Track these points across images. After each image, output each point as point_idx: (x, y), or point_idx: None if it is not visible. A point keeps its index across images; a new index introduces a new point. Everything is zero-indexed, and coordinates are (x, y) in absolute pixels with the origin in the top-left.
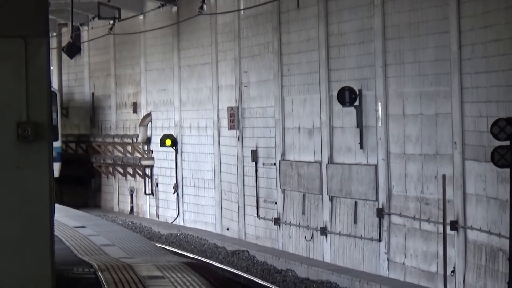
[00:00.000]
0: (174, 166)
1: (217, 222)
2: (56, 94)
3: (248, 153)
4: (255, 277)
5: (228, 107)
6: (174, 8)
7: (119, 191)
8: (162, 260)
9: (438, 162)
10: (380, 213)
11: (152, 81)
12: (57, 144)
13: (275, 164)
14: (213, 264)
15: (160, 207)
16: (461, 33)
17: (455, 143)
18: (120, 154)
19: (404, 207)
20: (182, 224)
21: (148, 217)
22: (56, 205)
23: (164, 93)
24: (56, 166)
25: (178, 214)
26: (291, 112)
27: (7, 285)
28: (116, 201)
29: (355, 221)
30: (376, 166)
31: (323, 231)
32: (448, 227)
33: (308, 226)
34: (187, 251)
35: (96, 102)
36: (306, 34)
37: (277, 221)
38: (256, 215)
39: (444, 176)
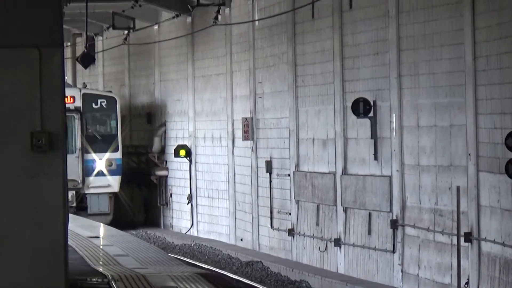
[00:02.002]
0: (188, 177)
1: (231, 233)
2: (115, 101)
3: (262, 164)
4: None
5: (242, 118)
6: (189, 19)
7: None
8: (176, 270)
9: (452, 174)
10: (394, 224)
11: (166, 91)
12: (116, 155)
13: (289, 175)
14: (227, 275)
15: (174, 218)
16: (475, 45)
17: (469, 154)
18: (134, 165)
19: (418, 218)
20: (196, 234)
21: (162, 227)
22: (70, 215)
23: (179, 103)
24: (116, 180)
25: (192, 224)
26: (306, 123)
27: None
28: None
29: (369, 232)
30: (390, 177)
31: (337, 242)
32: (462, 239)
33: (322, 237)
34: (200, 261)
35: None
36: (320, 45)
37: (291, 232)
38: (270, 226)
39: (458, 188)
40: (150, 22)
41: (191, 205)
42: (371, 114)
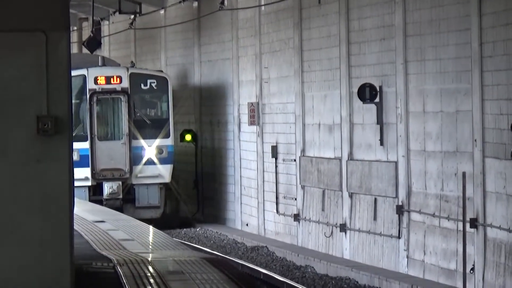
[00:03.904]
0: (194, 161)
1: (237, 218)
2: (167, 81)
3: (268, 149)
4: (274, 273)
5: (248, 103)
6: (195, 3)
7: None
8: (181, 255)
9: (458, 160)
10: (399, 210)
11: (172, 76)
12: (168, 142)
13: (295, 160)
14: (232, 260)
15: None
16: (482, 31)
17: (475, 140)
18: None
19: (423, 204)
20: (202, 219)
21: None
22: (75, 199)
23: (185, 88)
24: (167, 169)
25: (198, 209)
26: (312, 108)
27: (27, 279)
28: None
29: (375, 218)
30: (396, 163)
31: (343, 228)
32: (467, 225)
33: (327, 222)
34: (206, 246)
35: None
36: (327, 30)
37: (296, 217)
38: (275, 211)
39: (464, 174)
40: (156, 6)
41: (197, 189)
42: (377, 99)
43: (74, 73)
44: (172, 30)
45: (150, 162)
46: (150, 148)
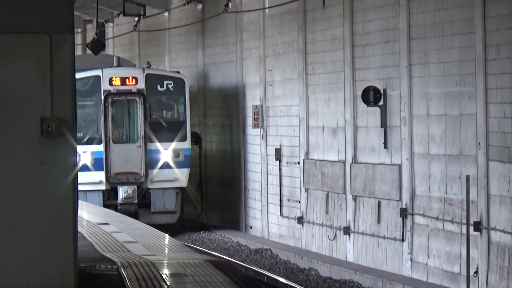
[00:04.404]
0: (198, 164)
1: (241, 220)
2: (184, 82)
3: (272, 152)
4: (278, 275)
5: (252, 105)
6: (199, 6)
7: None
8: (185, 257)
9: (462, 163)
10: (403, 213)
11: None
12: (185, 145)
13: (298, 163)
14: (236, 262)
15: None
16: (486, 34)
17: (479, 143)
18: None
19: (427, 207)
20: (205, 221)
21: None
22: (79, 201)
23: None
24: (184, 173)
25: (202, 211)
26: (316, 111)
27: (30, 281)
28: None
29: (379, 221)
30: (400, 166)
31: (346, 231)
32: (471, 228)
33: (331, 225)
34: (210, 249)
35: None
36: (331, 33)
37: (300, 220)
38: (279, 213)
39: (468, 177)
40: (160, 9)
41: (201, 192)
42: (381, 102)
43: (88, 73)
44: (176, 32)
45: (166, 165)
46: (166, 152)
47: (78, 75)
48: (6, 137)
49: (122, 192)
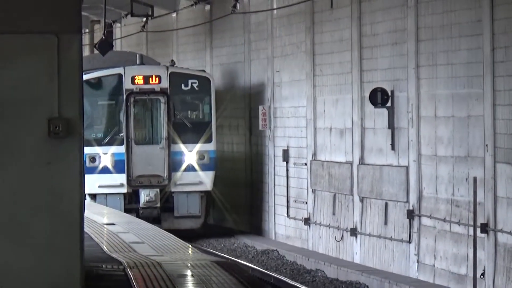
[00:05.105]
0: None
1: (247, 222)
2: (210, 82)
3: (279, 153)
4: (285, 276)
5: (260, 107)
6: (207, 7)
7: None
8: (191, 258)
9: (469, 165)
10: (410, 214)
11: None
12: (210, 147)
13: (306, 164)
14: (242, 263)
15: None
16: (494, 36)
17: (486, 145)
18: None
19: (434, 209)
20: (212, 222)
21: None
22: (86, 201)
23: None
24: (209, 176)
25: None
26: (323, 112)
27: (36, 281)
28: None
29: (385, 222)
30: (407, 167)
31: (353, 232)
32: (478, 230)
33: (338, 226)
34: (216, 249)
35: None
36: (339, 34)
37: (307, 221)
38: (286, 214)
39: (475, 179)
40: (168, 9)
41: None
42: (388, 104)
43: (109, 72)
44: (184, 33)
45: (190, 168)
46: (190, 154)
47: (99, 74)
48: (13, 137)
49: (144, 196)
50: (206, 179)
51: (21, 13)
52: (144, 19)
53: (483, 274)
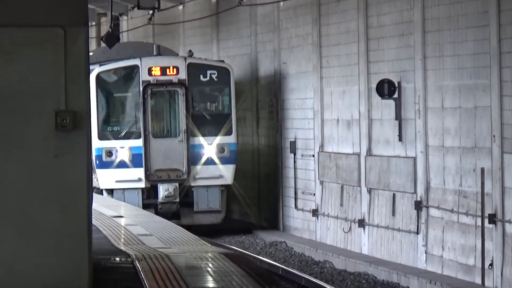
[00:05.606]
0: None
1: (255, 213)
2: (229, 72)
3: (287, 145)
4: (293, 268)
5: (267, 99)
6: None
7: None
8: (200, 250)
9: (477, 155)
10: (418, 205)
11: None
12: (230, 139)
13: (313, 156)
14: (250, 255)
15: None
16: (500, 27)
17: (493, 136)
18: None
19: (442, 199)
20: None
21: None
22: (94, 194)
23: None
24: (229, 169)
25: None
26: (330, 104)
27: (44, 273)
28: None
29: (393, 214)
30: (414, 158)
31: (361, 223)
32: (486, 220)
33: (346, 218)
34: (224, 241)
35: None
36: (345, 26)
37: (315, 212)
38: (294, 206)
39: (482, 169)
40: (175, 2)
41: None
42: (395, 95)
43: (126, 63)
44: (190, 25)
45: (210, 161)
46: (210, 147)
47: (115, 65)
48: (21, 130)
49: (163, 190)
50: (226, 173)
51: (28, 6)
52: (151, 11)
53: (491, 264)
